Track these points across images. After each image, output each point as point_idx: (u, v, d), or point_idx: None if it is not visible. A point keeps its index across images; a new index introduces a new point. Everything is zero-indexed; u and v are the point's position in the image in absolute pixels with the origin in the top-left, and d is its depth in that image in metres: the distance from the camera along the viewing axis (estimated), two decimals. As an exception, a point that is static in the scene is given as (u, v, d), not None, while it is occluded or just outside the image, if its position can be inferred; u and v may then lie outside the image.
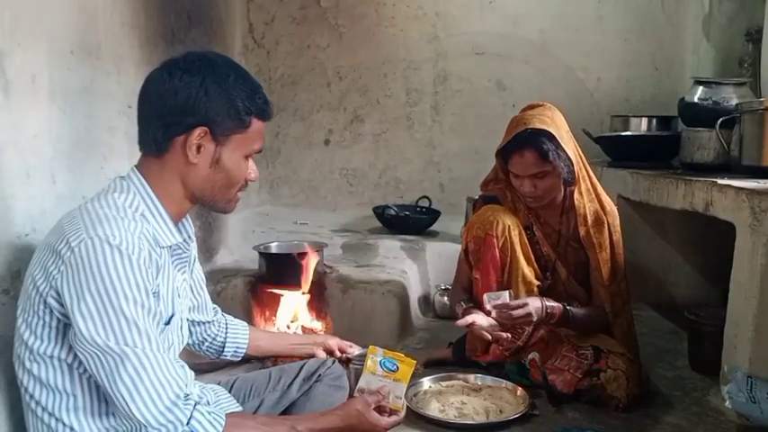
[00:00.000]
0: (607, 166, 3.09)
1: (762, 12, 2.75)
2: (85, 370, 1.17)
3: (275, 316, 2.50)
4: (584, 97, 3.61)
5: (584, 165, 2.04)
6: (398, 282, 2.68)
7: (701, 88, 2.61)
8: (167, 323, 1.26)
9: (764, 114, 2.14)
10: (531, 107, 2.05)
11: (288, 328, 2.47)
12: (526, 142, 1.93)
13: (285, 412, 1.58)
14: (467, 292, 2.18)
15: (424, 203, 3.64)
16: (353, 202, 3.85)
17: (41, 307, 1.16)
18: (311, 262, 2.46)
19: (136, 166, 1.28)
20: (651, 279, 3.01)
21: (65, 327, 1.16)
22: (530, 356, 2.06)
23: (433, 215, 3.47)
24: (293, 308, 2.51)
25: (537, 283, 2.11)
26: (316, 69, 3.81)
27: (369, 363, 1.42)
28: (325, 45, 3.78)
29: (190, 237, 1.37)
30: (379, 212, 3.44)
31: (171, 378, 1.13)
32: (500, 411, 1.90)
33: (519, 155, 1.95)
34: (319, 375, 1.65)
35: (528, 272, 2.09)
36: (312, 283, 2.52)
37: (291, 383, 1.63)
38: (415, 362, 1.46)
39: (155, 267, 1.18)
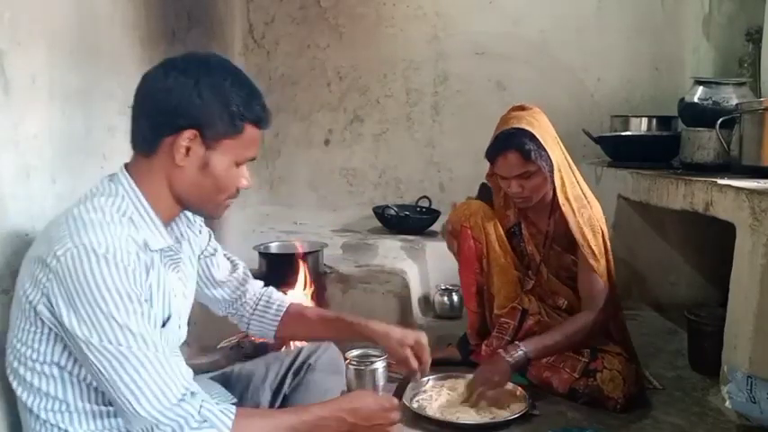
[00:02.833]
0: (607, 166, 3.09)
1: (762, 12, 2.75)
2: (81, 372, 1.17)
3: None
4: (585, 97, 3.60)
5: (572, 171, 2.05)
6: (398, 282, 2.68)
7: (700, 88, 2.61)
8: (163, 325, 1.24)
9: (764, 114, 2.14)
10: (522, 108, 2.06)
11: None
12: (508, 144, 1.96)
13: (281, 406, 1.56)
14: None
15: (424, 203, 3.63)
16: (353, 202, 3.84)
17: (32, 314, 1.14)
18: (303, 262, 2.47)
19: (126, 164, 1.25)
20: (651, 279, 3.01)
21: (55, 336, 1.15)
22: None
23: (433, 215, 3.47)
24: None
25: (516, 273, 2.15)
26: (316, 69, 3.80)
27: None
28: (325, 45, 3.77)
29: (181, 235, 1.35)
30: (379, 212, 3.44)
31: (174, 376, 1.12)
32: (500, 411, 1.89)
33: (503, 157, 1.98)
34: (309, 365, 1.61)
35: (504, 262, 2.13)
36: (311, 283, 2.52)
37: (284, 379, 1.60)
38: None
39: (144, 270, 1.15)
